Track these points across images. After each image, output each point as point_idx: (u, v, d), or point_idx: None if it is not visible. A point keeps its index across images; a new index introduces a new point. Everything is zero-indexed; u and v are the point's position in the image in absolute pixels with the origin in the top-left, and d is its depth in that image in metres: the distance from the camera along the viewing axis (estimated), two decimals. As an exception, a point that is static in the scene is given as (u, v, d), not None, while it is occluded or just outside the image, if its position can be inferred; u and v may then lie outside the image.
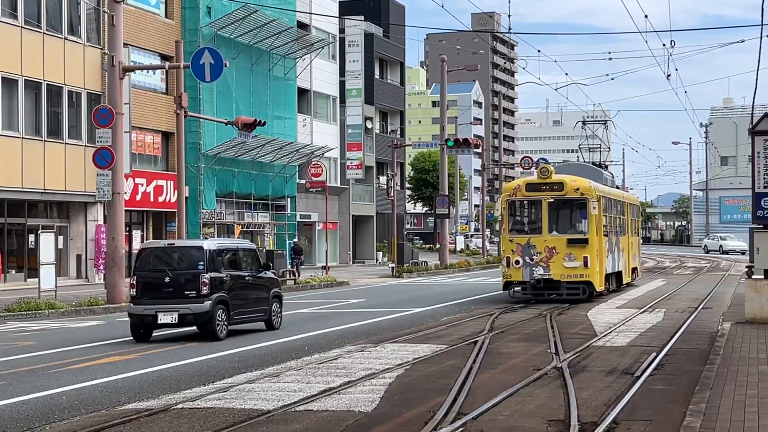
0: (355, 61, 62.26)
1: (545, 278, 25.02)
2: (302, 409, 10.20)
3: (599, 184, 27.82)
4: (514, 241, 25.43)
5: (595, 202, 25.39)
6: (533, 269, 25.05)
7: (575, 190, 25.40)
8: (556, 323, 19.09)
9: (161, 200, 42.23)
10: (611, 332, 17.51)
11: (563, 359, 13.60)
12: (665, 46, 48.92)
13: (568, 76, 66.10)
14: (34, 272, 30.91)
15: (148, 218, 42.81)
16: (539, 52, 55.06)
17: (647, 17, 35.03)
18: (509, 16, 57.97)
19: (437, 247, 59.43)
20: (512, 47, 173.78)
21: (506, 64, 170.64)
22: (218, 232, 46.08)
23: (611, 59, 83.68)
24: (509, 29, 57.07)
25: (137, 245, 41.92)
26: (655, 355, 14.02)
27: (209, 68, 26.41)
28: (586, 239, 25.11)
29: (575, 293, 25.01)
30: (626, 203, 31.61)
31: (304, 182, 50.88)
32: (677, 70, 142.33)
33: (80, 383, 12.38)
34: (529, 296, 25.62)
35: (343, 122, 61.36)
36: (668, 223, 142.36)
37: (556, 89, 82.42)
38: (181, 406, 10.52)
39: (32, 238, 34.98)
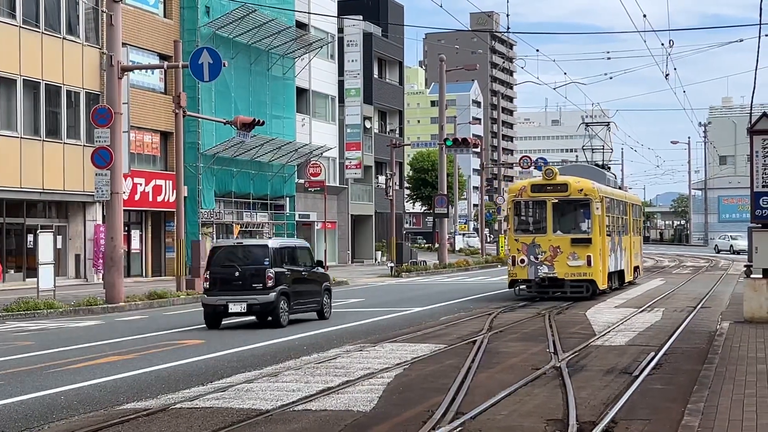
0: (353, 60, 62.25)
1: (550, 276, 25.73)
2: (301, 408, 10.19)
3: (602, 185, 28.47)
4: (519, 240, 26.13)
5: (598, 202, 26.05)
6: (538, 268, 25.75)
7: (579, 191, 26.08)
8: (554, 323, 19.09)
9: (160, 200, 42.22)
10: (610, 331, 17.52)
11: (562, 359, 13.60)
12: (664, 45, 49.00)
13: (566, 75, 66.15)
14: (32, 272, 30.89)
15: (146, 218, 42.81)
16: (538, 51, 55.34)
17: (646, 17, 35.01)
18: (508, 15, 58.18)
19: (436, 246, 59.39)
20: (511, 47, 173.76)
21: (505, 63, 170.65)
22: (217, 231, 46.07)
23: (610, 59, 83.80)
24: (508, 29, 56.96)
25: (136, 245, 42.08)
26: (653, 354, 14.02)
27: (208, 68, 26.41)
28: (589, 239, 25.81)
29: (579, 291, 25.68)
30: (628, 203, 32.14)
31: (302, 182, 50.86)
32: (676, 69, 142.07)
33: (79, 383, 12.37)
34: (533, 294, 26.25)
35: (341, 122, 61.34)
36: (667, 222, 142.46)
37: (554, 89, 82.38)
38: (179, 405, 10.51)
39: (31, 237, 34.96)
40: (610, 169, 36.85)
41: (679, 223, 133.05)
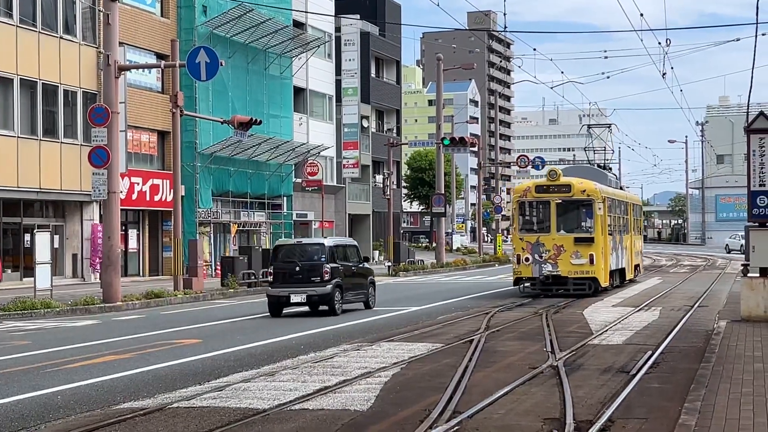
0: (351, 59, 62.22)
1: (553, 274, 26.55)
2: (298, 408, 10.18)
3: (604, 185, 29.26)
4: (524, 239, 26.95)
5: (600, 202, 26.90)
6: (542, 266, 26.55)
7: (582, 191, 26.94)
8: (552, 322, 19.09)
9: (157, 199, 42.19)
10: (607, 330, 17.52)
11: (559, 358, 13.60)
12: (661, 44, 48.90)
13: (563, 74, 66.21)
14: (29, 271, 30.86)
15: (144, 217, 42.79)
16: (535, 50, 55.31)
17: (643, 16, 35.01)
18: (505, 14, 58.06)
19: (434, 246, 59.40)
20: (508, 46, 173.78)
21: (502, 62, 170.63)
22: (214, 231, 46.06)
23: (607, 58, 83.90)
24: (505, 28, 57.06)
25: (133, 244, 42.05)
26: (650, 353, 14.03)
27: (205, 67, 26.39)
28: (592, 238, 26.62)
29: (582, 289, 26.46)
30: (629, 203, 32.95)
31: (300, 181, 50.86)
32: (673, 68, 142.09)
33: (75, 382, 12.35)
34: (537, 291, 26.90)
35: (339, 121, 61.32)
36: (664, 221, 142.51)
37: (552, 88, 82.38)
38: (176, 405, 10.50)
39: (28, 237, 34.92)
40: (611, 170, 37.64)
41: (676, 222, 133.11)
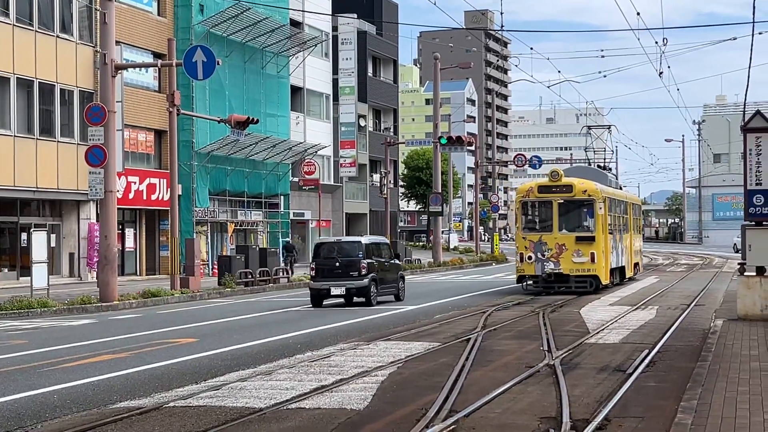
0: (348, 58, 62.22)
1: (556, 272, 27.31)
2: (294, 407, 10.18)
3: (604, 185, 29.94)
4: (527, 238, 27.68)
5: (601, 202, 27.66)
6: (545, 264, 27.31)
7: (583, 191, 27.68)
8: (548, 321, 19.09)
9: (154, 198, 42.18)
10: (604, 329, 17.52)
11: (555, 356, 13.60)
12: (657, 43, 49.01)
13: (560, 73, 66.22)
14: (26, 271, 30.85)
15: (140, 216, 42.77)
16: (532, 49, 55.30)
17: (639, 15, 35.10)
18: (502, 13, 58.41)
19: (431, 245, 59.39)
20: (505, 45, 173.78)
21: (499, 61, 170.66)
22: (211, 230, 46.05)
23: (604, 57, 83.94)
24: (502, 27, 56.98)
25: (130, 244, 42.03)
26: (647, 352, 14.03)
27: (202, 66, 26.39)
28: (593, 237, 27.36)
29: (583, 286, 27.16)
30: (629, 203, 33.69)
31: (297, 180, 50.86)
32: (669, 67, 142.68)
33: (72, 382, 12.34)
34: (540, 289, 27.54)
35: (336, 120, 61.33)
36: (661, 220, 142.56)
37: (549, 87, 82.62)
38: (173, 404, 10.49)
39: (25, 236, 34.90)
40: (611, 170, 38.09)
41: (673, 221, 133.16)
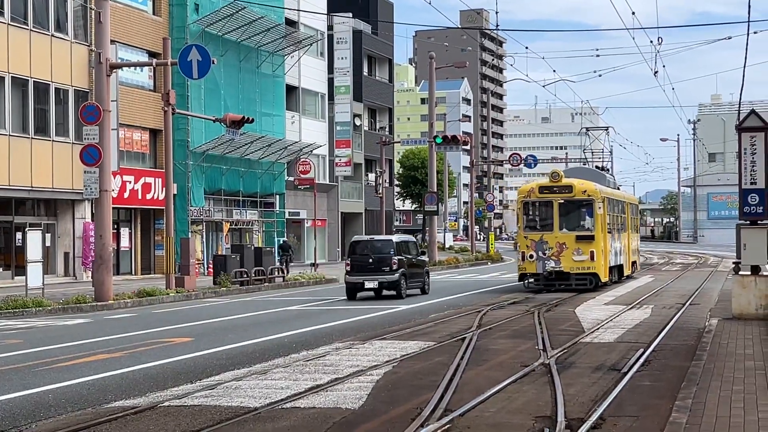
0: (343, 58, 62.21)
1: (556, 270, 28.11)
2: (289, 406, 10.17)
3: (603, 186, 30.65)
4: (528, 237, 28.47)
5: (600, 202, 28.39)
6: (546, 262, 28.11)
7: (583, 192, 28.49)
8: (544, 320, 19.10)
9: (149, 198, 42.14)
10: (599, 329, 17.53)
11: (551, 356, 13.60)
12: (652, 43, 48.99)
13: (556, 73, 66.20)
14: (21, 270, 30.82)
15: (136, 216, 42.73)
16: (527, 49, 55.53)
17: (634, 14, 35.12)
18: (497, 13, 58.06)
19: (426, 244, 59.34)
20: (500, 44, 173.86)
21: (494, 61, 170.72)
22: (207, 229, 46.01)
23: (599, 56, 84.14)
24: (497, 26, 56.84)
25: (125, 243, 41.98)
26: (642, 351, 14.04)
27: (197, 65, 26.36)
28: (592, 236, 28.13)
29: (583, 284, 27.92)
30: (626, 203, 34.37)
31: (292, 179, 50.82)
32: (664, 67, 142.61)
33: (67, 381, 12.32)
34: (541, 287, 28.30)
35: (331, 119, 61.31)
36: (656, 219, 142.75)
37: (544, 86, 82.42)
38: (167, 403, 10.48)
39: (19, 235, 34.86)
40: (609, 171, 38.76)
41: (668, 220, 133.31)
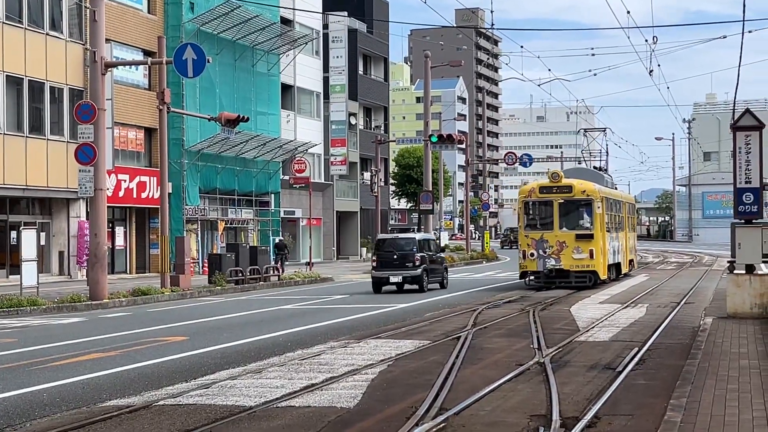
0: (338, 56, 62.18)
1: (557, 268, 28.74)
2: (284, 405, 10.16)
3: (601, 186, 31.22)
4: (529, 236, 29.12)
5: (599, 202, 29.03)
6: (546, 261, 28.76)
7: (582, 192, 29.13)
8: (539, 319, 19.10)
9: (144, 196, 42.10)
10: (594, 327, 17.54)
11: (546, 354, 13.61)
12: (647, 42, 48.86)
13: (551, 72, 66.40)
14: (15, 269, 30.77)
15: (131, 214, 42.69)
16: (522, 48, 55.67)
17: (629, 13, 35.22)
18: (492, 12, 57.84)
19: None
20: (496, 43, 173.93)
21: (490, 60, 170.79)
22: (202, 228, 45.98)
23: (594, 55, 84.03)
24: (492, 25, 56.72)
25: (120, 242, 41.95)
26: (637, 350, 14.04)
27: (192, 64, 26.33)
28: (591, 234, 28.81)
29: (583, 281, 28.63)
30: (624, 203, 35.06)
31: (287, 178, 50.80)
32: (660, 65, 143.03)
33: (61, 380, 12.30)
34: (541, 284, 28.92)
35: (326, 118, 61.29)
36: (651, 218, 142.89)
37: (539, 85, 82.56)
38: (162, 402, 10.46)
39: (14, 234, 34.82)
40: (606, 171, 39.26)
41: (663, 219, 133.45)
